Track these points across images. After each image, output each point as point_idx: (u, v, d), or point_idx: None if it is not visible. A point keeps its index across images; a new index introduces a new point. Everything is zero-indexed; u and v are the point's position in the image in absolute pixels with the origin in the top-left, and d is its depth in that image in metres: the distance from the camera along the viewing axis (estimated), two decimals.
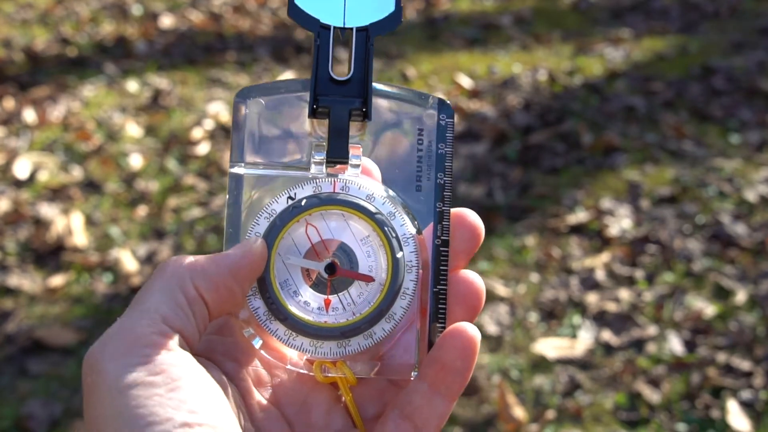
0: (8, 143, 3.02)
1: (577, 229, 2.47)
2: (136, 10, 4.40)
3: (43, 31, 4.12)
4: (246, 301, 0.61)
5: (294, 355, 0.62)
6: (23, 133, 3.10)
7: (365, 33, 0.62)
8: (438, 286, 0.61)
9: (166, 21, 4.26)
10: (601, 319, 2.12)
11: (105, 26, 4.20)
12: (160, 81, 3.54)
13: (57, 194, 2.71)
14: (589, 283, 2.25)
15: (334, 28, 0.61)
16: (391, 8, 0.62)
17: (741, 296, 2.16)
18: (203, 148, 2.97)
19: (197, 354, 0.56)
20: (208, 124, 3.15)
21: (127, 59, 3.79)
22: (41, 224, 2.52)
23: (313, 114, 0.61)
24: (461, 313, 0.61)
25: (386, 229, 0.61)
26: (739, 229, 2.42)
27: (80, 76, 3.59)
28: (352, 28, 0.62)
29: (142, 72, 3.64)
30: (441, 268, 0.61)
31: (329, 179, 0.61)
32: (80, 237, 2.47)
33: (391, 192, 0.63)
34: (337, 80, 0.61)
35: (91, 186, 2.76)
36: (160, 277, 0.56)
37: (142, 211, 2.62)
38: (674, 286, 2.22)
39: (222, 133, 3.10)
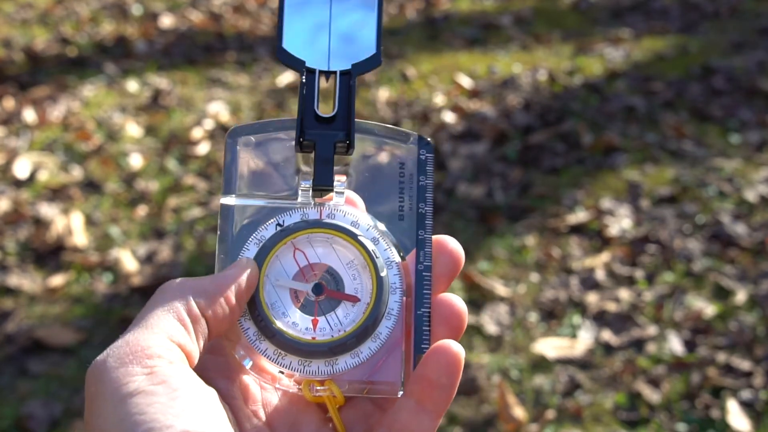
0: (8, 143, 3.03)
1: (577, 229, 2.48)
2: (136, 10, 4.40)
3: (43, 31, 4.12)
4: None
5: (284, 376, 0.64)
6: (23, 133, 3.10)
7: (348, 74, 0.66)
8: (422, 309, 0.64)
9: (166, 21, 4.26)
10: (601, 319, 2.12)
11: (105, 26, 4.20)
12: (160, 81, 3.54)
13: (57, 194, 2.71)
14: (589, 283, 2.25)
15: (319, 71, 0.65)
16: (373, 51, 0.66)
17: (741, 296, 2.16)
18: (203, 148, 2.97)
19: None
20: (208, 124, 3.15)
21: (127, 59, 3.79)
22: (41, 224, 2.52)
23: (300, 147, 0.65)
24: (445, 334, 0.63)
25: (370, 250, 0.64)
26: (739, 229, 2.42)
27: (80, 76, 3.59)
28: (336, 71, 0.66)
29: (142, 72, 3.64)
30: (424, 291, 0.64)
31: (316, 208, 0.65)
32: (80, 237, 2.47)
33: (377, 222, 0.66)
34: (323, 117, 0.65)
35: (91, 186, 2.76)
36: (163, 296, 0.58)
37: (142, 211, 2.62)
38: (674, 286, 2.22)
39: (222, 133, 3.10)
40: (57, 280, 2.29)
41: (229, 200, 0.66)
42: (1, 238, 2.48)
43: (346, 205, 0.66)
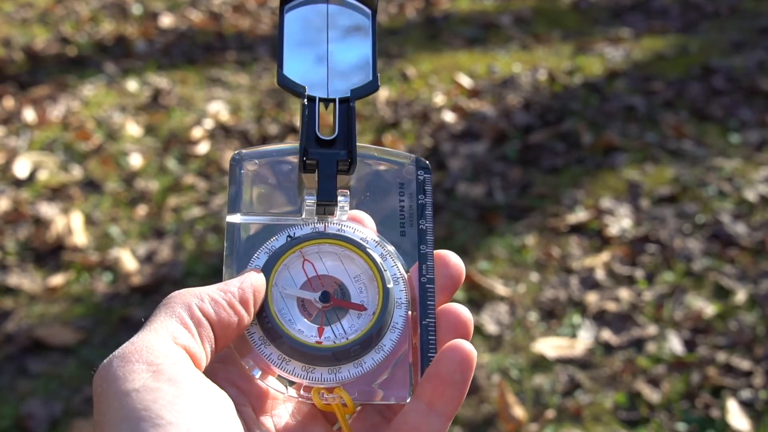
0: (8, 143, 3.02)
1: (577, 229, 2.47)
2: (136, 9, 4.40)
3: (43, 31, 4.12)
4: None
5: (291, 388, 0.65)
6: (23, 132, 3.10)
7: (347, 100, 0.69)
8: (426, 320, 0.65)
9: (166, 20, 4.26)
10: (601, 318, 2.12)
11: (105, 26, 4.20)
12: (160, 80, 3.54)
13: (57, 194, 2.71)
14: (589, 282, 2.25)
15: (319, 98, 0.68)
16: (369, 77, 0.70)
17: (741, 296, 2.16)
18: (203, 148, 2.97)
19: None
20: (208, 124, 3.15)
21: (127, 59, 3.79)
22: (41, 224, 2.52)
23: (304, 167, 0.67)
24: None
25: (378, 262, 0.66)
26: (739, 229, 2.42)
27: (80, 76, 3.59)
28: (335, 99, 0.69)
29: (142, 71, 3.64)
30: (428, 303, 0.66)
31: (323, 223, 0.68)
32: (80, 236, 2.47)
33: (383, 239, 0.68)
34: (324, 140, 0.68)
35: (91, 185, 2.76)
36: (168, 303, 0.59)
37: (142, 210, 2.62)
38: (674, 285, 2.22)
39: (222, 132, 3.10)
40: (57, 279, 2.29)
41: (235, 218, 0.68)
42: (1, 237, 2.47)
43: (353, 221, 0.68)
